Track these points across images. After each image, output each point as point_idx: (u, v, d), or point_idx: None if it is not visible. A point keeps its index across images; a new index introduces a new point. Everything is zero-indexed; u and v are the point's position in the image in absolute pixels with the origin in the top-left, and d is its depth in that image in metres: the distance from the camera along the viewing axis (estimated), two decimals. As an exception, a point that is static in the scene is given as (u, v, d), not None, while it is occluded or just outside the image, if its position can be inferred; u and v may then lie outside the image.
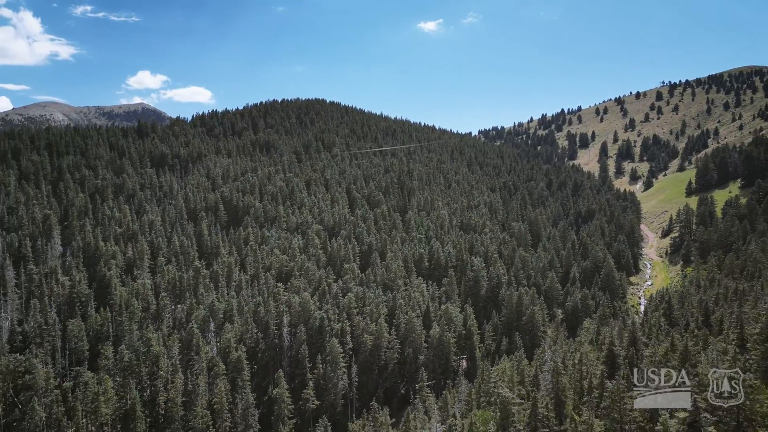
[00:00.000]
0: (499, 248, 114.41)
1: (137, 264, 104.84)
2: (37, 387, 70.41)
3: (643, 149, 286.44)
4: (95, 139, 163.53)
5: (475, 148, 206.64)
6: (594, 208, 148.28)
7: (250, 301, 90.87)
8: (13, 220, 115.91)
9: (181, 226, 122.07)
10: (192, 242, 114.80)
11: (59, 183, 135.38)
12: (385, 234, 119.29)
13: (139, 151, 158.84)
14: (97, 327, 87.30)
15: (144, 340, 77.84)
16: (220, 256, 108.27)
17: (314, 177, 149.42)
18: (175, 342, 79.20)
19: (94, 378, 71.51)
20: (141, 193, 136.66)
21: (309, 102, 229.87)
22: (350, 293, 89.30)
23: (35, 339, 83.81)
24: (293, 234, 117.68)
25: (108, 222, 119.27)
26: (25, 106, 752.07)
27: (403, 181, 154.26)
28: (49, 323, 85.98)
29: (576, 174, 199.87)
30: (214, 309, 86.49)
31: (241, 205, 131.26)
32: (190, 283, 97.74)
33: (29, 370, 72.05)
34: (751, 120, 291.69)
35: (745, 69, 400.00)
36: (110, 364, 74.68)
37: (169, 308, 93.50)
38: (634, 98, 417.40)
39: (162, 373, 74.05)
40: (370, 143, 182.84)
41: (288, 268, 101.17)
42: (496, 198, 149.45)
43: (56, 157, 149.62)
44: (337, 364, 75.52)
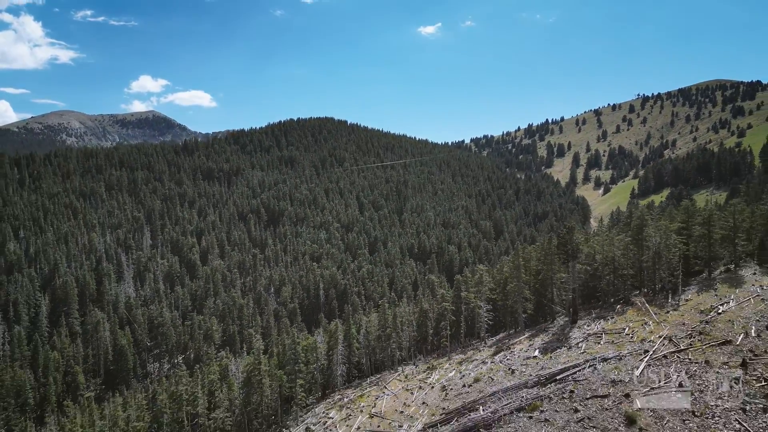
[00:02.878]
0: (469, 240, 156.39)
1: (210, 251, 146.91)
2: (165, 324, 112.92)
3: (609, 159, 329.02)
4: (155, 156, 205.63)
5: (459, 160, 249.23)
6: (548, 210, 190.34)
7: (295, 274, 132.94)
8: (113, 221, 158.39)
9: (234, 224, 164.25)
10: (245, 236, 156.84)
11: (138, 191, 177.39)
12: (386, 229, 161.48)
13: (191, 165, 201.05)
14: (193, 292, 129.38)
15: (230, 296, 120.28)
16: (268, 246, 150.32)
17: (331, 186, 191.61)
18: (249, 299, 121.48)
19: (203, 319, 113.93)
20: (199, 200, 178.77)
21: (321, 120, 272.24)
22: (363, 269, 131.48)
23: (153, 300, 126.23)
24: (319, 230, 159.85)
25: (181, 222, 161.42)
26: (44, 114, 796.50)
27: (400, 190, 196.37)
28: (160, 289, 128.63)
29: (541, 182, 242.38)
30: (272, 279, 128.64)
31: (277, 208, 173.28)
32: (250, 263, 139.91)
33: (161, 314, 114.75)
34: (705, 132, 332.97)
35: (711, 83, 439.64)
36: (212, 311, 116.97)
37: (239, 280, 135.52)
38: (611, 110, 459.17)
39: (245, 316, 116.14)
40: (373, 158, 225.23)
41: (318, 253, 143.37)
42: (472, 202, 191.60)
43: (128, 171, 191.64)
44: (357, 312, 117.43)
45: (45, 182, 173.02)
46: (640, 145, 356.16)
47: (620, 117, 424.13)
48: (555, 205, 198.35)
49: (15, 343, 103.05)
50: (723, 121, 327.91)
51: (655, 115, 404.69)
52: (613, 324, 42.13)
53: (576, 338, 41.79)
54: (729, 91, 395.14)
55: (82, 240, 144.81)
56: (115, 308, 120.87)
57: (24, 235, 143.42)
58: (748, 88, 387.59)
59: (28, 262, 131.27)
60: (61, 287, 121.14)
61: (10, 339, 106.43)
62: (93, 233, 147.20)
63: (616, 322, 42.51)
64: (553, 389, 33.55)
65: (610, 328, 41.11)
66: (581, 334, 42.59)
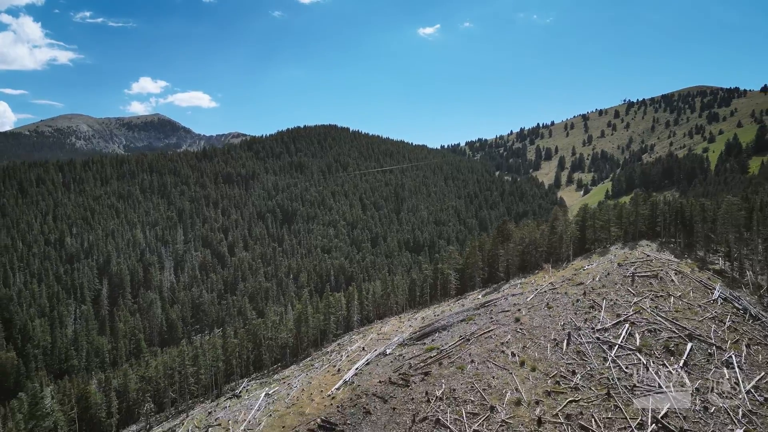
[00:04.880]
0: (457, 235, 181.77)
1: (236, 245, 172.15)
2: (205, 303, 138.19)
3: (592, 162, 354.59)
4: (180, 162, 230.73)
5: (451, 165, 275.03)
6: (528, 210, 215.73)
7: (309, 263, 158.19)
8: (149, 219, 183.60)
9: (254, 222, 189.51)
10: (264, 232, 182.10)
11: (168, 194, 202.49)
12: (386, 226, 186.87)
13: (212, 170, 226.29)
14: (225, 278, 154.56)
15: (256, 281, 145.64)
16: (284, 241, 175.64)
17: (336, 189, 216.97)
18: (273, 283, 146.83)
19: (236, 299, 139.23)
20: (222, 201, 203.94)
21: (325, 128, 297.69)
22: (366, 259, 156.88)
23: (191, 284, 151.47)
24: (327, 227, 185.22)
25: (209, 220, 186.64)
26: (53, 117, 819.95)
27: (398, 192, 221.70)
28: (197, 276, 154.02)
29: (525, 184, 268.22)
30: (291, 267, 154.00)
31: (290, 208, 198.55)
32: (270, 255, 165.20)
33: (201, 295, 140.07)
34: (681, 137, 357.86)
35: (693, 89, 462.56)
36: (242, 292, 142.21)
37: (262, 269, 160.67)
38: (598, 115, 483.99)
39: (271, 297, 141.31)
40: (374, 163, 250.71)
41: (328, 246, 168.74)
42: (461, 203, 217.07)
43: (158, 175, 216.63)
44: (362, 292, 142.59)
45: (87, 185, 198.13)
46: (622, 149, 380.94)
47: (606, 122, 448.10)
48: (535, 205, 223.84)
49: (84, 317, 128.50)
50: (699, 127, 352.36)
51: (638, 121, 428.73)
52: (528, 279, 67.56)
53: (504, 288, 67.25)
54: (708, 97, 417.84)
55: (126, 236, 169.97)
56: (161, 291, 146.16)
57: (77, 231, 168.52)
58: (725, 95, 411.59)
59: (84, 254, 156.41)
60: (117, 274, 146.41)
61: (80, 314, 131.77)
62: (135, 230, 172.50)
63: (530, 278, 67.95)
64: (482, 310, 59.07)
65: (525, 282, 66.50)
66: (508, 286, 68.05)
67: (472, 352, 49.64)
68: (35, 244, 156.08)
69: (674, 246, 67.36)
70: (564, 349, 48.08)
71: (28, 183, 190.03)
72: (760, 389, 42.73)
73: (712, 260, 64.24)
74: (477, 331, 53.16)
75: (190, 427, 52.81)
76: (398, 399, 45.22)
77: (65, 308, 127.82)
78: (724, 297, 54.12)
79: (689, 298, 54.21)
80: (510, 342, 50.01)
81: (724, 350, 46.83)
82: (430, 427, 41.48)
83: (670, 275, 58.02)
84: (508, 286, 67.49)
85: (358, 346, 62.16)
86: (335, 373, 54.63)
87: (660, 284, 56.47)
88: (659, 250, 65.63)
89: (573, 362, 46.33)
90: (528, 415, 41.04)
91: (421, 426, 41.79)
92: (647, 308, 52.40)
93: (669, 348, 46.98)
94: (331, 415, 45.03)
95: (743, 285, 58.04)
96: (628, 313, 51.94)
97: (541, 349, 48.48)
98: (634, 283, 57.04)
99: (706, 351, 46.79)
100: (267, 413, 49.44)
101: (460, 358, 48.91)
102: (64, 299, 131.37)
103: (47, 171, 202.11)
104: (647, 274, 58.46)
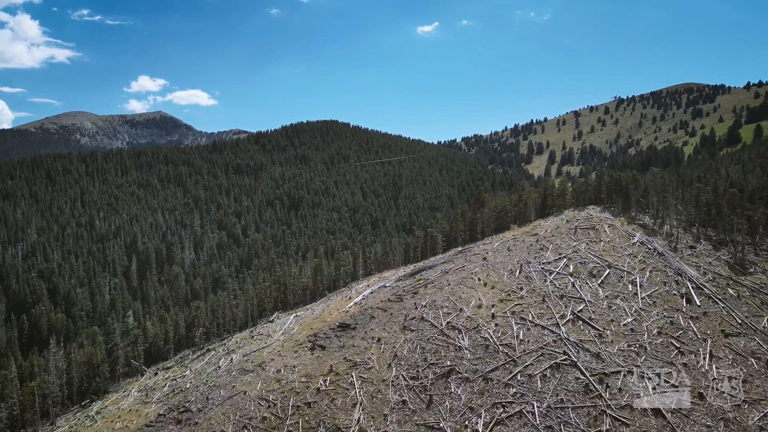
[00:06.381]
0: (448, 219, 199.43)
1: (248, 227, 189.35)
2: (224, 276, 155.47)
3: (581, 156, 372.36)
4: (192, 154, 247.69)
5: (446, 157, 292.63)
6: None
7: (316, 243, 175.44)
8: (168, 205, 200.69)
9: (264, 209, 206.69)
10: (274, 217, 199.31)
11: (184, 183, 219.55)
12: (384, 211, 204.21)
13: (223, 162, 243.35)
14: (240, 256, 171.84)
15: (269, 257, 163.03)
16: (293, 224, 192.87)
17: (339, 179, 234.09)
18: (284, 259, 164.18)
19: (251, 273, 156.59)
20: (233, 189, 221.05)
21: (327, 123, 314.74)
22: (368, 239, 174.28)
23: (210, 261, 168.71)
24: (331, 212, 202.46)
25: (223, 206, 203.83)
26: (57, 115, 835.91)
27: (396, 182, 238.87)
28: (215, 254, 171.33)
29: (515, 176, 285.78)
30: (299, 246, 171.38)
31: (297, 196, 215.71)
32: (280, 236, 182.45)
33: (220, 269, 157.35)
34: (666, 132, 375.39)
35: (680, 86, 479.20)
36: (257, 267, 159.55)
37: (273, 248, 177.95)
38: (588, 111, 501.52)
39: (285, 270, 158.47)
40: (373, 155, 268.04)
41: (333, 229, 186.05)
42: (454, 191, 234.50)
43: (173, 166, 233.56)
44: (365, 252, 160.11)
45: (109, 175, 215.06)
46: (610, 143, 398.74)
47: (596, 118, 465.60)
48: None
49: (119, 287, 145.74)
50: (683, 123, 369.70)
51: (627, 117, 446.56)
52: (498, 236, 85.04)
53: (480, 243, 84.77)
54: (694, 94, 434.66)
55: (148, 219, 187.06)
56: (183, 267, 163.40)
57: (104, 215, 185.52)
58: (711, 91, 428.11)
59: (113, 235, 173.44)
60: (143, 252, 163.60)
61: (114, 286, 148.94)
62: (156, 214, 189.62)
63: (499, 235, 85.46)
64: (459, 255, 76.52)
65: (497, 237, 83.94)
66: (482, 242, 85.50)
67: (449, 279, 67.01)
68: (68, 226, 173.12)
69: (614, 209, 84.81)
70: (516, 275, 65.51)
71: (55, 172, 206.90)
72: (651, 296, 60.26)
73: (641, 219, 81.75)
74: (454, 267, 70.56)
75: (238, 338, 70.19)
76: (395, 309, 62.56)
77: (102, 279, 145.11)
78: (642, 241, 71.62)
79: (615, 242, 71.70)
80: (477, 272, 67.38)
81: (633, 274, 64.30)
82: (416, 322, 58.84)
83: (604, 227, 75.53)
84: (483, 242, 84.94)
85: (364, 284, 79.60)
86: (347, 300, 72.00)
87: (595, 233, 73.96)
88: (601, 212, 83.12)
89: (522, 283, 63.76)
90: (486, 313, 58.45)
91: (410, 322, 59.13)
92: (582, 249, 69.85)
93: (592, 273, 64.48)
94: (346, 320, 62.35)
95: (659, 234, 75.52)
96: (568, 252, 69.35)
97: (499, 276, 65.90)
98: (576, 233, 74.48)
99: (619, 275, 64.28)
100: (298, 323, 66.85)
101: (441, 283, 66.28)
102: (99, 272, 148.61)
103: (72, 162, 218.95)
104: (587, 227, 75.95)
